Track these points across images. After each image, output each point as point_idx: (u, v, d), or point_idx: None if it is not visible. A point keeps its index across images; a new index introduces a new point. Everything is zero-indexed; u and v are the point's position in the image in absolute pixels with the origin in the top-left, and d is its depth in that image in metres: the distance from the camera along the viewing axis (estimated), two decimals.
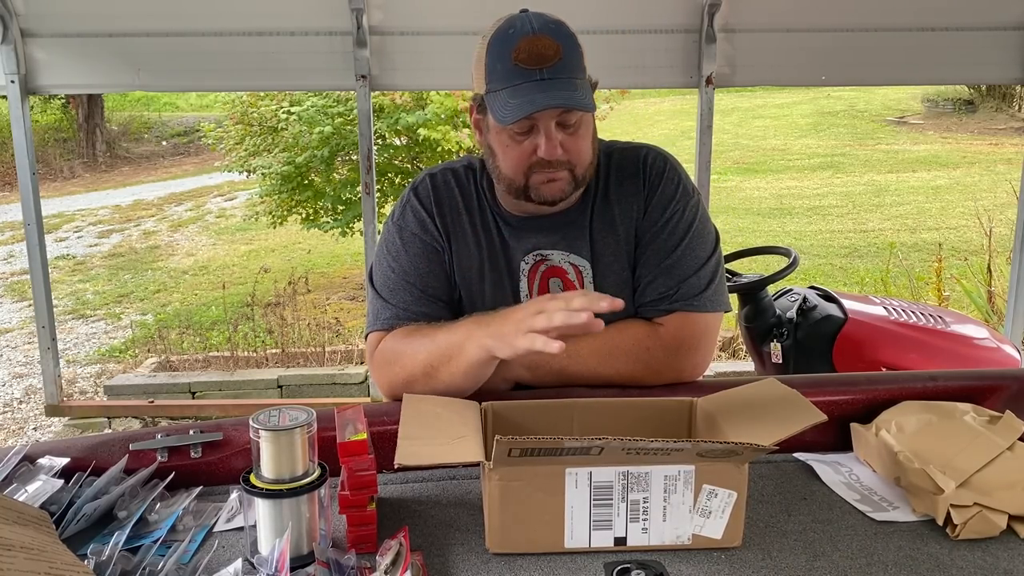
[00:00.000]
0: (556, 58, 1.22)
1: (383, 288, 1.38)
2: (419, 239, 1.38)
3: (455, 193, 1.40)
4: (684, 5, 3.18)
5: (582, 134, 1.28)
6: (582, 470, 0.94)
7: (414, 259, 1.37)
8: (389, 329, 1.35)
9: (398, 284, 1.37)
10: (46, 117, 13.88)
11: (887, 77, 3.87)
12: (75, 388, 5.09)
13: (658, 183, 1.37)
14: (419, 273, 1.37)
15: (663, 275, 1.34)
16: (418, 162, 6.00)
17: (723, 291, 1.39)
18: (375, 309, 1.39)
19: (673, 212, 1.36)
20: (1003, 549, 0.97)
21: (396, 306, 1.36)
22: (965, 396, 1.24)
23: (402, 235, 1.39)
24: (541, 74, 1.21)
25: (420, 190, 1.41)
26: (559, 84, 1.21)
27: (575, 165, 1.28)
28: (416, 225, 1.38)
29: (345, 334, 5.45)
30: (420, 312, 1.35)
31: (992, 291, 4.91)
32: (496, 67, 1.25)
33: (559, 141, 1.25)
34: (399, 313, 1.35)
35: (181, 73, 3.35)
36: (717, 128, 3.48)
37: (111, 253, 8.42)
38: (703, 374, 1.38)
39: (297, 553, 0.94)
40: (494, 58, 1.25)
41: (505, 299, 1.37)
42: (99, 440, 1.17)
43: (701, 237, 1.37)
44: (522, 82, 1.22)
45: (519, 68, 1.22)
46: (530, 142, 1.26)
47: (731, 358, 4.88)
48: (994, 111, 13.45)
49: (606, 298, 1.11)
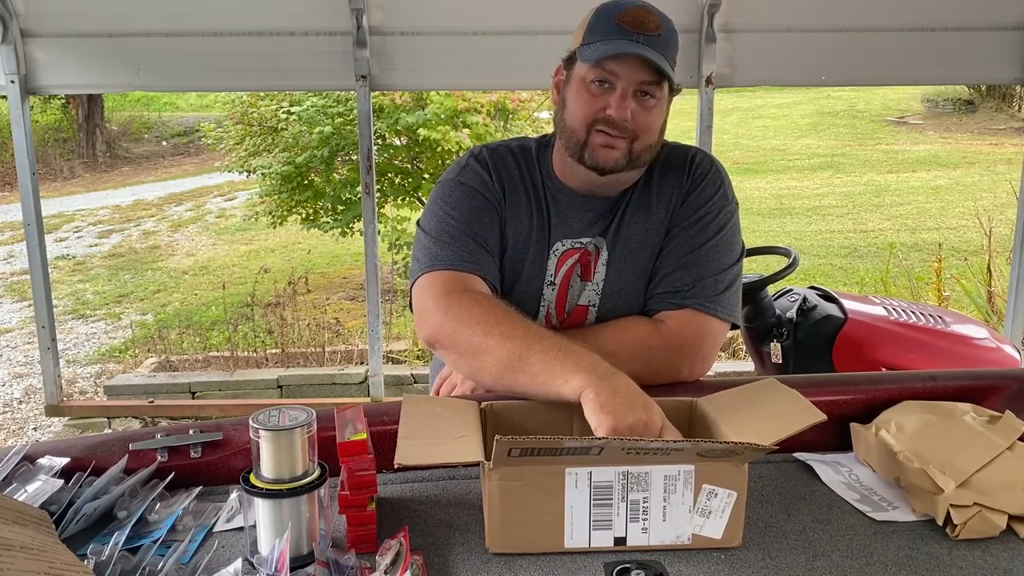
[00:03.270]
0: (656, 32, 1.27)
1: (441, 234, 1.36)
2: (480, 194, 1.39)
3: (511, 165, 1.42)
4: (684, 5, 3.18)
5: (654, 113, 1.31)
6: (582, 470, 0.94)
7: (475, 211, 1.37)
8: (448, 270, 1.32)
9: (458, 231, 1.35)
10: (46, 117, 13.87)
11: (887, 77, 3.86)
12: (75, 388, 5.08)
13: (700, 181, 1.39)
14: (481, 225, 1.36)
15: (682, 269, 1.35)
16: (418, 162, 6.00)
17: (736, 304, 1.39)
18: (431, 252, 1.35)
19: (708, 211, 1.37)
20: (1003, 549, 0.97)
21: (457, 250, 1.34)
22: (965, 396, 1.24)
23: (463, 190, 1.39)
24: (638, 37, 1.26)
25: (479, 155, 1.43)
26: (650, 51, 1.26)
27: (637, 138, 1.30)
28: (477, 181, 1.40)
29: (345, 334, 5.45)
30: (475, 262, 1.34)
31: (992, 291, 4.91)
32: (599, 24, 1.30)
33: (631, 109, 1.28)
34: (460, 256, 1.33)
35: (181, 73, 3.34)
36: (717, 128, 3.48)
37: (111, 253, 8.42)
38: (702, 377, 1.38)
39: (297, 553, 0.94)
40: (598, 17, 1.31)
41: (538, 276, 1.39)
42: (99, 440, 1.17)
43: (728, 243, 1.38)
44: (620, 38, 1.26)
45: (620, 27, 1.27)
46: (603, 98, 1.29)
47: (731, 358, 4.88)
48: (994, 111, 13.45)
49: None
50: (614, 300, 1.38)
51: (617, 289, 1.38)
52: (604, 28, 1.28)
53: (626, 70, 1.27)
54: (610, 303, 1.39)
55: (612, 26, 1.27)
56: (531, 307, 1.39)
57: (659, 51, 1.26)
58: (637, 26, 1.26)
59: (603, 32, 1.28)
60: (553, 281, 1.40)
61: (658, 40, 1.27)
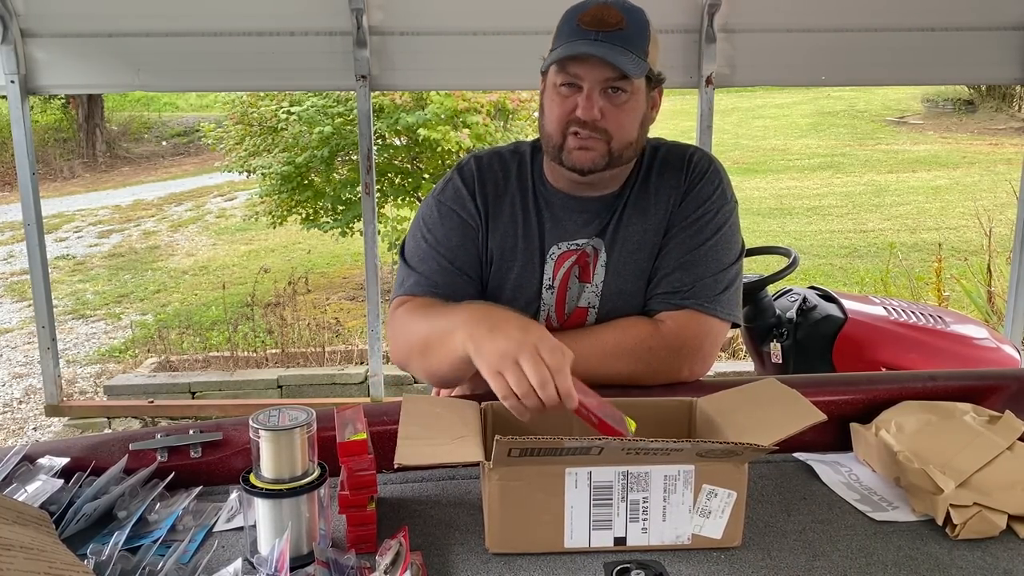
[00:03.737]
0: (617, 27, 1.26)
1: (412, 256, 1.41)
2: (455, 214, 1.40)
3: (499, 175, 1.43)
4: (684, 5, 3.19)
5: (627, 109, 1.30)
6: (582, 470, 0.94)
7: (448, 232, 1.39)
8: (412, 296, 1.37)
9: (427, 254, 1.39)
10: (46, 117, 13.87)
11: (887, 77, 3.87)
12: (75, 388, 5.08)
13: (698, 180, 1.39)
14: (449, 246, 1.38)
15: (681, 269, 1.35)
16: (418, 162, 6.00)
17: (736, 303, 1.39)
18: (401, 276, 1.41)
19: (706, 211, 1.37)
20: (1003, 549, 0.97)
21: (421, 274, 1.38)
22: (965, 396, 1.24)
23: (440, 208, 1.42)
24: (596, 35, 1.26)
25: (464, 169, 1.44)
26: (607, 47, 1.25)
27: (612, 136, 1.30)
28: (454, 200, 1.41)
29: (345, 334, 5.45)
30: (443, 283, 1.36)
31: (992, 291, 4.91)
32: (563, 28, 1.31)
33: (600, 107, 1.28)
34: (421, 281, 1.37)
35: (181, 73, 3.34)
36: (717, 128, 3.48)
37: (111, 253, 8.42)
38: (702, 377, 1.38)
39: (297, 553, 0.94)
40: (564, 20, 1.31)
41: (530, 282, 1.39)
42: (99, 440, 1.17)
43: (728, 243, 1.38)
44: (578, 39, 1.26)
45: (580, 28, 1.27)
46: (573, 99, 1.29)
47: (731, 358, 4.88)
48: (994, 111, 13.45)
49: (575, 400, 1.02)
50: (614, 301, 1.38)
51: (616, 290, 1.38)
52: (567, 31, 1.29)
53: (587, 70, 1.27)
54: (610, 304, 1.38)
55: (573, 27, 1.28)
56: (528, 313, 1.39)
57: (619, 45, 1.25)
58: (596, 24, 1.26)
59: (566, 35, 1.29)
60: (552, 285, 1.40)
61: (619, 34, 1.26)
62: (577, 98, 1.29)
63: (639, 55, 1.27)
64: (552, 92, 1.32)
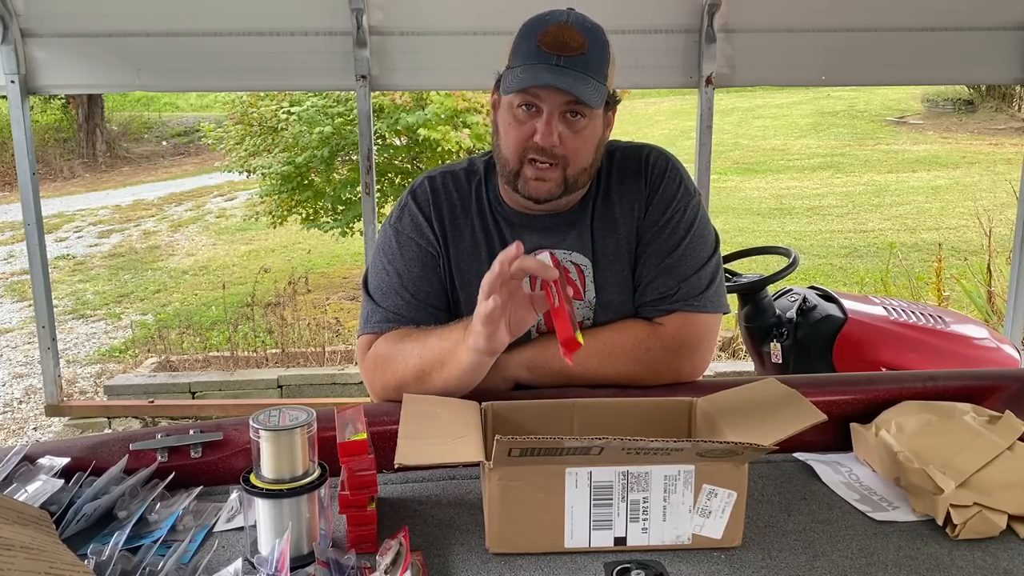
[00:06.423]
0: (579, 51, 1.23)
1: (376, 291, 1.38)
2: (414, 243, 1.38)
3: (454, 197, 1.40)
4: (684, 5, 3.18)
5: (585, 136, 1.28)
6: (582, 470, 0.94)
7: (408, 263, 1.37)
8: (379, 333, 1.35)
9: (391, 288, 1.37)
10: (46, 117, 13.87)
11: (887, 77, 3.87)
12: (75, 388, 5.09)
13: (659, 183, 1.37)
14: (412, 278, 1.36)
15: (663, 275, 1.34)
16: (418, 162, 6.01)
17: (722, 292, 1.39)
18: (366, 312, 1.39)
19: (674, 212, 1.36)
20: (1003, 549, 0.97)
21: (387, 310, 1.36)
22: (965, 396, 1.24)
23: (398, 239, 1.39)
24: (558, 60, 1.23)
25: (419, 194, 1.41)
26: (571, 74, 1.22)
27: (569, 164, 1.28)
28: (412, 229, 1.38)
29: (345, 334, 5.45)
30: (410, 317, 1.35)
31: (992, 291, 4.91)
32: (521, 45, 1.27)
33: (559, 133, 1.25)
34: (389, 316, 1.35)
35: (181, 73, 3.34)
36: (717, 128, 3.48)
37: (111, 253, 8.42)
38: (703, 374, 1.38)
39: (297, 553, 0.94)
40: (521, 37, 1.28)
41: None
42: (99, 440, 1.17)
43: (701, 237, 1.37)
44: (538, 62, 1.23)
45: (540, 50, 1.24)
46: (531, 125, 1.26)
47: (731, 358, 4.88)
48: (994, 111, 13.45)
49: (554, 272, 1.12)
50: (607, 314, 1.37)
51: (606, 303, 1.37)
52: (525, 51, 1.25)
53: (548, 94, 1.23)
54: (604, 318, 1.37)
55: (533, 48, 1.24)
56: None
57: (581, 71, 1.22)
58: (557, 47, 1.23)
59: (524, 56, 1.25)
60: None
61: (580, 60, 1.23)
62: (535, 123, 1.25)
63: (599, 80, 1.26)
64: (508, 113, 1.29)
